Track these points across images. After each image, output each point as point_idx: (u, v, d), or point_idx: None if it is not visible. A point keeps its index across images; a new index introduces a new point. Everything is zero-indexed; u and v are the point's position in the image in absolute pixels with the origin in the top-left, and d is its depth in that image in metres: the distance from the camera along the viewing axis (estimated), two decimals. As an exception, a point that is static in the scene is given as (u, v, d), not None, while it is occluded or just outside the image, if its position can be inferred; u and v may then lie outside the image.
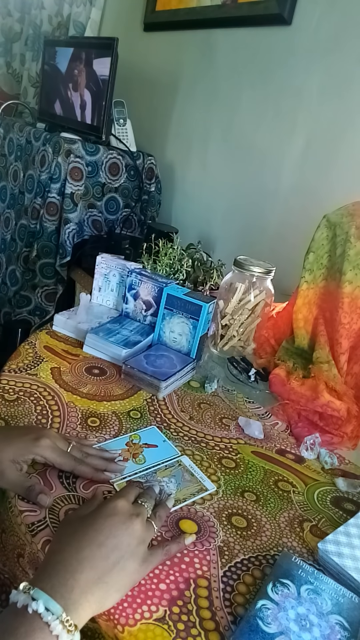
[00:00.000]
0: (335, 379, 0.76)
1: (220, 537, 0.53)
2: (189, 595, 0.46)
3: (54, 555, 0.43)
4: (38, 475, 0.56)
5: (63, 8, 1.97)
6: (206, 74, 1.46)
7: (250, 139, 1.34)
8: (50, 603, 0.37)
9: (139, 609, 0.43)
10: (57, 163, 1.37)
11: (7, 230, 1.64)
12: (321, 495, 0.63)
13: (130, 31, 1.73)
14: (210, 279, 1.14)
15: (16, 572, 0.53)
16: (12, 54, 2.27)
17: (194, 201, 1.57)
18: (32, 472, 0.56)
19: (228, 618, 0.45)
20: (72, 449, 0.57)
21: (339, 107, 1.11)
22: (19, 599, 0.38)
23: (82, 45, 1.52)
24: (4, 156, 1.70)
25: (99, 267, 0.98)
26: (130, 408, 0.73)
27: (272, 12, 1.21)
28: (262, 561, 0.51)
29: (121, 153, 1.48)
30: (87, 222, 1.47)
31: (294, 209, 1.23)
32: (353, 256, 0.75)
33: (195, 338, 0.85)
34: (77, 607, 0.39)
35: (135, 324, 0.92)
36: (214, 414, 0.76)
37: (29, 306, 1.54)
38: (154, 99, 1.68)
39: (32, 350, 0.82)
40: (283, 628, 0.42)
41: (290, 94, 1.22)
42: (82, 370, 0.80)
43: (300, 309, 0.83)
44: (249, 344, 0.92)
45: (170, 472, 0.61)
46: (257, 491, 0.61)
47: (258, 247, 1.26)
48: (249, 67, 1.32)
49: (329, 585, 0.47)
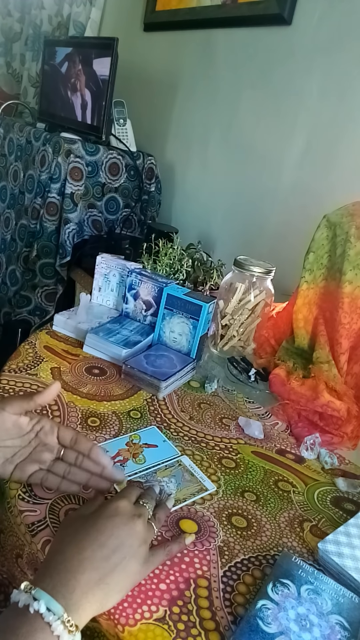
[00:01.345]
0: (335, 379, 0.76)
1: (221, 537, 0.53)
2: (189, 595, 0.46)
3: (55, 555, 0.42)
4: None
5: (63, 8, 1.97)
6: (206, 74, 1.46)
7: (250, 139, 1.34)
8: (51, 603, 0.37)
9: (139, 609, 0.44)
10: (57, 163, 1.37)
11: (7, 230, 1.64)
12: (321, 495, 0.63)
13: (130, 31, 1.73)
14: (210, 279, 1.14)
15: (15, 572, 0.53)
16: (12, 54, 2.27)
17: (194, 201, 1.57)
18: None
19: (228, 618, 0.45)
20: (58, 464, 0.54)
21: (339, 107, 1.11)
22: (20, 599, 0.38)
23: (82, 45, 1.52)
24: (4, 156, 1.70)
25: (99, 267, 0.98)
26: (130, 408, 0.73)
27: (272, 12, 1.21)
28: (262, 561, 0.51)
29: (121, 153, 1.48)
30: (87, 222, 1.47)
31: (294, 209, 1.23)
32: (353, 256, 0.75)
33: (195, 338, 0.85)
34: (78, 607, 0.39)
35: (135, 324, 0.92)
36: (214, 414, 0.76)
37: (29, 306, 1.54)
38: (154, 99, 1.68)
39: (32, 350, 0.82)
40: (283, 628, 0.42)
41: (290, 94, 1.22)
42: (82, 370, 0.80)
43: (300, 309, 0.83)
44: (249, 344, 0.92)
45: (170, 472, 0.61)
46: (257, 491, 0.61)
47: (258, 247, 1.26)
48: (249, 67, 1.32)
49: (329, 585, 0.47)
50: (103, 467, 0.54)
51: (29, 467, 0.53)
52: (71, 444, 0.55)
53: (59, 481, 0.53)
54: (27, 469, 0.53)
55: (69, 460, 0.55)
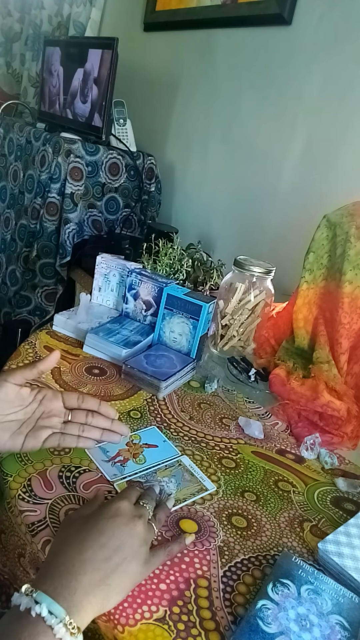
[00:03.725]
0: (335, 379, 0.76)
1: (221, 537, 0.53)
2: (189, 596, 0.46)
3: (56, 556, 0.42)
4: (38, 475, 0.56)
5: (63, 8, 1.97)
6: (206, 74, 1.46)
7: (250, 139, 1.34)
8: (53, 606, 0.37)
9: (139, 609, 0.44)
10: (57, 163, 1.37)
11: (7, 230, 1.64)
12: (321, 495, 0.63)
13: (130, 31, 1.73)
14: (210, 279, 1.14)
15: (17, 572, 0.53)
16: (12, 54, 2.27)
17: (194, 201, 1.57)
18: (33, 472, 0.56)
19: (228, 618, 0.45)
20: (70, 425, 0.57)
21: (339, 107, 1.11)
22: (21, 602, 0.38)
23: (82, 45, 1.52)
24: (4, 156, 1.70)
25: (99, 267, 0.98)
26: (130, 408, 0.73)
27: (272, 12, 1.21)
28: (262, 561, 0.51)
29: (121, 153, 1.48)
30: (87, 222, 1.47)
31: (294, 209, 1.23)
32: (353, 256, 0.75)
33: (195, 338, 0.85)
34: (80, 609, 0.39)
35: (135, 324, 0.92)
36: (214, 414, 0.76)
37: (29, 306, 1.54)
38: (154, 99, 1.68)
39: (32, 350, 0.82)
40: (283, 628, 0.42)
41: (290, 94, 1.22)
42: (82, 370, 0.80)
43: (300, 309, 0.83)
44: (249, 344, 0.92)
45: (170, 472, 0.61)
46: (257, 491, 0.61)
47: (258, 247, 1.26)
48: (249, 67, 1.32)
49: (329, 585, 0.47)
50: (112, 420, 0.59)
51: (41, 433, 0.55)
52: (78, 403, 0.58)
53: (75, 440, 0.57)
54: (40, 436, 0.55)
55: (80, 420, 0.58)
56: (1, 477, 0.56)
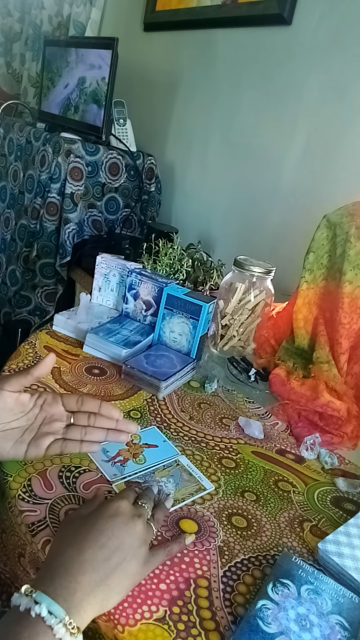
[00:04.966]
0: (335, 379, 0.76)
1: (221, 537, 0.53)
2: (189, 595, 0.46)
3: (55, 556, 0.42)
4: (38, 475, 0.56)
5: (63, 8, 1.97)
6: (206, 74, 1.46)
7: (250, 139, 1.34)
8: (53, 606, 0.37)
9: (139, 609, 0.44)
10: (57, 163, 1.37)
11: (7, 230, 1.64)
12: (321, 495, 0.63)
13: (130, 31, 1.73)
14: (210, 279, 1.14)
15: (17, 572, 0.53)
16: (12, 54, 2.27)
17: (194, 201, 1.57)
18: (33, 472, 0.56)
19: (228, 618, 0.45)
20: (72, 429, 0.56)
21: (339, 107, 1.11)
22: (21, 602, 0.38)
23: (82, 45, 1.52)
24: (4, 156, 1.69)
25: (99, 267, 0.98)
26: (130, 408, 0.73)
27: (272, 12, 1.21)
28: (262, 561, 0.51)
29: (121, 153, 1.48)
30: (87, 222, 1.47)
31: (294, 209, 1.23)
32: (353, 256, 0.75)
33: (195, 338, 0.85)
34: (80, 609, 0.39)
35: (135, 324, 0.92)
36: (214, 414, 0.76)
37: (29, 306, 1.54)
38: (154, 99, 1.68)
39: (32, 350, 0.82)
40: (283, 628, 0.42)
41: (290, 94, 1.22)
42: (82, 370, 0.80)
43: (300, 309, 0.83)
44: (249, 344, 0.92)
45: (168, 472, 0.61)
46: (257, 491, 0.61)
47: (258, 247, 1.26)
48: (249, 67, 1.32)
49: (329, 585, 0.47)
50: (116, 420, 0.57)
51: (43, 440, 0.54)
52: (78, 406, 0.57)
53: (78, 445, 0.55)
54: (42, 443, 0.54)
55: (82, 423, 0.56)
56: (1, 477, 0.56)
